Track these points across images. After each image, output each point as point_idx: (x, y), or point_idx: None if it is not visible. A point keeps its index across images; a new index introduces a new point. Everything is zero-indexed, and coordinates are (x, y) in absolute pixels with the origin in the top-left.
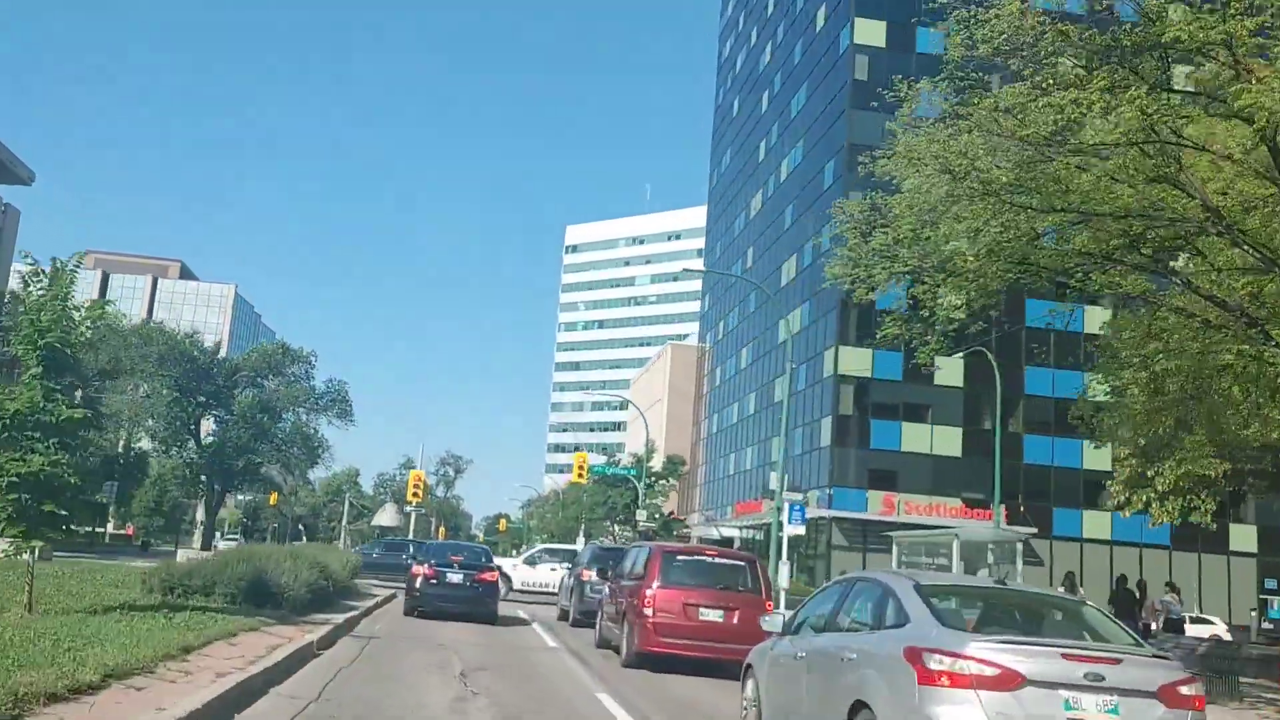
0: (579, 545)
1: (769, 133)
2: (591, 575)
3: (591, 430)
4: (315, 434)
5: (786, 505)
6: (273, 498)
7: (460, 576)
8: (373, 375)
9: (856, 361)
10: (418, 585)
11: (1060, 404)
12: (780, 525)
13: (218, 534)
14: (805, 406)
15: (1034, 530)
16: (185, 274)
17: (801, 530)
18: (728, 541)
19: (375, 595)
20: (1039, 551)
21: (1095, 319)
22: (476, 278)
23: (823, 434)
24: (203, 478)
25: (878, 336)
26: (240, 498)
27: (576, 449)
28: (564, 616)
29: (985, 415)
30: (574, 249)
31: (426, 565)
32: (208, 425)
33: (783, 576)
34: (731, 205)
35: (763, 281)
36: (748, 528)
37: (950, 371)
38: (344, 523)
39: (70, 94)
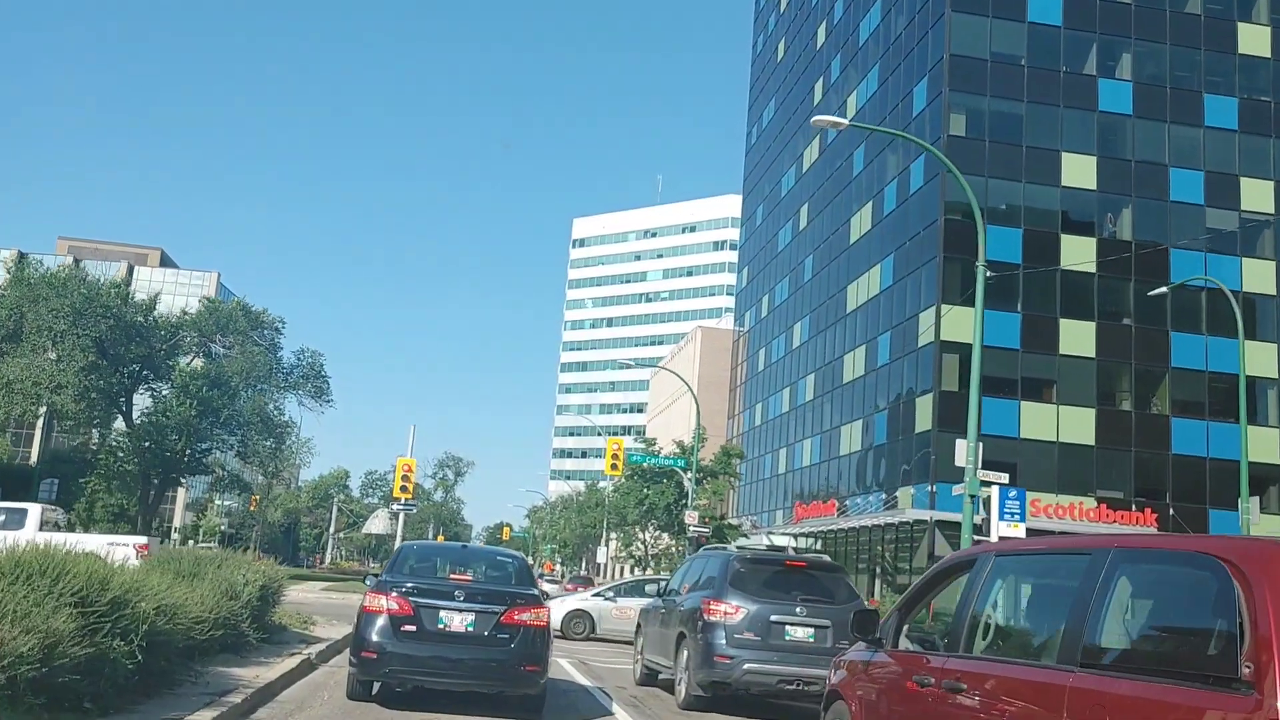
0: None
1: (828, 69)
2: (730, 611)
3: (600, 435)
4: (278, 413)
5: (996, 493)
6: (253, 501)
7: (468, 618)
8: (367, 374)
9: (960, 325)
10: (375, 636)
11: (1215, 379)
12: (975, 528)
13: (190, 542)
14: (892, 383)
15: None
16: (166, 262)
17: (1021, 532)
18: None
19: (316, 641)
20: None
21: (1254, 275)
22: (477, 273)
23: (919, 416)
24: (132, 466)
25: None
26: (225, 503)
27: (584, 455)
28: (649, 679)
29: (1123, 393)
30: (581, 243)
31: (396, 594)
32: (143, 402)
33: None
34: (777, 163)
35: (824, 242)
36: (808, 535)
37: (1078, 337)
38: (331, 530)
39: (51, 76)
